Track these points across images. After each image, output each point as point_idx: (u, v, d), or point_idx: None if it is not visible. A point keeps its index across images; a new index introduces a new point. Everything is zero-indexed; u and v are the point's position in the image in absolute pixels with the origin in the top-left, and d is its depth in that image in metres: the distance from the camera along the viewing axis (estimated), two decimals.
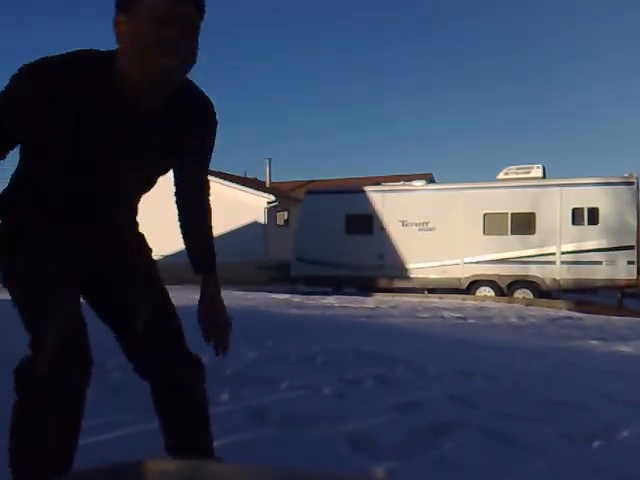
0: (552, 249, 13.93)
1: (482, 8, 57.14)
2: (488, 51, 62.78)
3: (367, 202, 15.48)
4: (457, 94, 64.75)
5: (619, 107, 64.99)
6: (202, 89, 1.49)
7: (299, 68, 60.23)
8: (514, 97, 64.51)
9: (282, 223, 23.29)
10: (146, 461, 0.63)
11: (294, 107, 62.85)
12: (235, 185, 22.38)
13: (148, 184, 1.61)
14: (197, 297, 1.69)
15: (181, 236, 1.71)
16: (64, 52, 1.31)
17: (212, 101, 1.52)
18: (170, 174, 1.66)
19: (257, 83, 62.16)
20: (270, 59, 60.61)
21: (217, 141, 1.59)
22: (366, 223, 15.41)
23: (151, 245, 1.70)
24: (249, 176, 28.70)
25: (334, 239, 15.42)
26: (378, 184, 16.77)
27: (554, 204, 13.93)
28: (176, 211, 1.75)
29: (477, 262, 14.48)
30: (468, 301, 12.59)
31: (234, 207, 21.49)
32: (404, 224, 15.07)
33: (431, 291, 14.75)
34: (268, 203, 21.81)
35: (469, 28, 60.53)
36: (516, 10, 57.41)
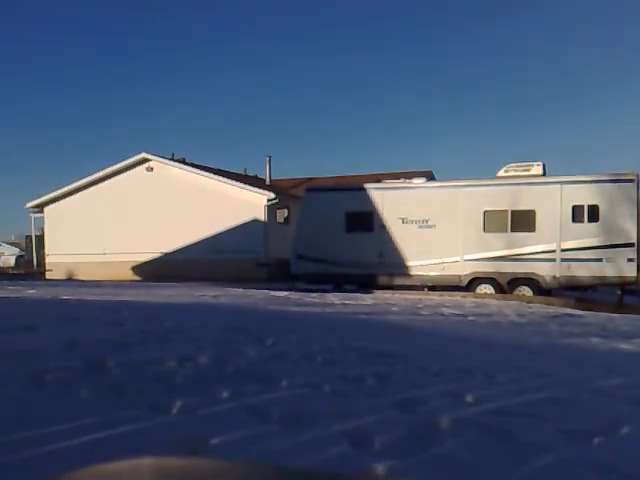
0: (552, 246, 13.93)
1: (482, 8, 56.98)
2: (488, 50, 62.56)
3: (367, 199, 15.48)
4: (457, 92, 64.54)
5: (619, 105, 64.81)
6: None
7: (298, 65, 60.03)
8: (515, 94, 64.34)
9: (282, 220, 23.28)
10: (146, 459, 0.63)
11: (294, 105, 62.64)
12: (235, 183, 22.38)
13: None
14: (198, 294, 1.66)
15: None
16: None
17: None
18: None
19: (257, 81, 61.92)
20: (269, 57, 60.41)
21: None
22: (366, 220, 15.42)
23: (152, 243, 1.63)
24: (249, 174, 28.69)
25: (334, 236, 15.43)
26: (378, 181, 16.76)
27: (554, 201, 13.93)
28: (176, 212, 1.61)
29: (477, 259, 14.49)
30: (468, 298, 12.59)
31: (234, 205, 21.50)
32: (404, 221, 15.08)
33: (431, 288, 14.76)
34: (268, 200, 21.80)
35: (470, 28, 60.36)
36: (516, 11, 57.24)
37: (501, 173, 14.97)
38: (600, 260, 13.49)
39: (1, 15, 48.36)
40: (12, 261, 44.39)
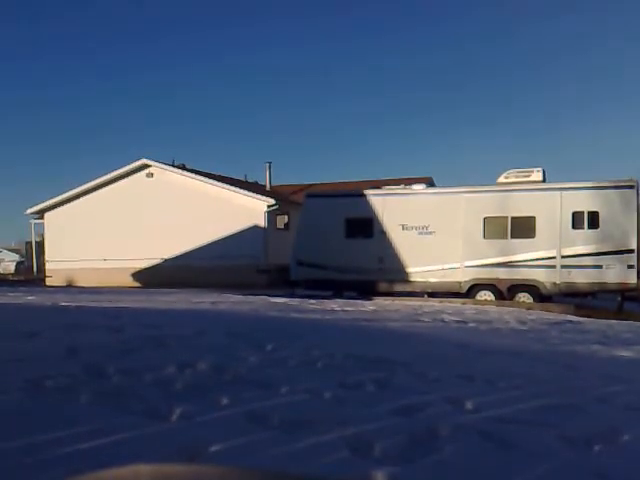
0: (552, 253, 13.92)
1: (484, 17, 57.26)
2: (489, 54, 62.80)
3: (367, 205, 15.49)
4: (457, 97, 64.69)
5: (620, 110, 64.96)
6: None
7: (298, 72, 60.24)
8: (515, 100, 64.48)
9: (282, 226, 23.30)
10: (145, 466, 0.63)
11: (294, 112, 62.81)
12: (235, 189, 22.41)
13: None
14: (198, 300, 1.66)
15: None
16: None
17: None
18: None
19: (258, 87, 62.12)
20: (269, 62, 60.66)
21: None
22: (366, 226, 15.41)
23: (152, 249, 1.64)
24: (249, 180, 28.72)
25: (334, 242, 15.43)
26: (378, 188, 16.76)
27: (554, 208, 13.93)
28: (177, 218, 1.64)
29: (477, 266, 14.48)
30: (468, 305, 12.57)
31: (235, 211, 21.52)
32: (404, 228, 15.08)
33: (431, 295, 14.75)
34: (268, 206, 21.83)
35: (468, 28, 60.63)
36: (517, 19, 57.48)
37: (501, 179, 14.97)
38: (600, 267, 13.48)
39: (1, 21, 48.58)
40: (12, 267, 44.39)
